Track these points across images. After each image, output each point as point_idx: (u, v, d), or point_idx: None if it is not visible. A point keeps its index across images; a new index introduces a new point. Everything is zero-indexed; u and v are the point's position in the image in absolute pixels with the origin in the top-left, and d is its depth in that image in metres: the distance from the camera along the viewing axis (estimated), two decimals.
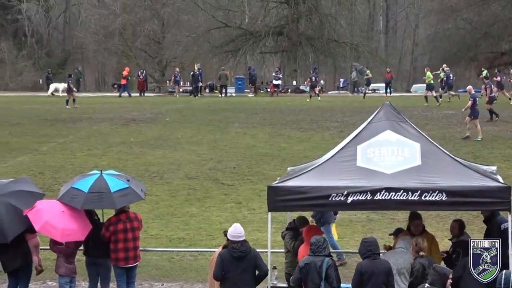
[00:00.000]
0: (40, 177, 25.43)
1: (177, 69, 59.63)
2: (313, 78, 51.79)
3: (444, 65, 51.28)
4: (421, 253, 11.86)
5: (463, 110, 33.49)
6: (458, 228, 13.10)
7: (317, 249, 11.82)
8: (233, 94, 58.86)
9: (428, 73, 48.09)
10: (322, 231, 13.01)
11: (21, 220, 13.47)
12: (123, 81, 57.73)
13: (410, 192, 11.62)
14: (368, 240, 11.86)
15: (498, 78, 48.68)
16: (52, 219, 13.42)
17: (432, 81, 47.76)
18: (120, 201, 13.87)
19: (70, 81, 47.19)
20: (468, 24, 70.19)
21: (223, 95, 55.77)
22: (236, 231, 12.25)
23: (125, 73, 57.86)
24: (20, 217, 13.46)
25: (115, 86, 65.11)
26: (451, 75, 48.79)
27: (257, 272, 12.15)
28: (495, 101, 38.62)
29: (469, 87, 35.62)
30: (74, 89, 47.85)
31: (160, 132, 34.45)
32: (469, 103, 31.78)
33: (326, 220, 16.77)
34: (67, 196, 14.09)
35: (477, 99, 32.26)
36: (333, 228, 17.44)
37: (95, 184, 13.93)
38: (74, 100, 45.02)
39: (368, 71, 54.66)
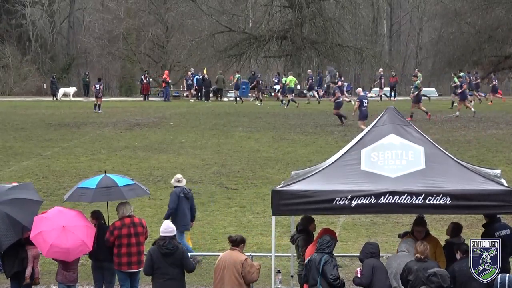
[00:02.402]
0: (44, 181, 25.45)
1: (189, 73, 59.58)
2: (260, 82, 53.77)
3: (309, 70, 54.23)
4: (418, 256, 11.89)
5: (353, 113, 34.97)
6: (451, 230, 13.12)
7: (320, 247, 12.16)
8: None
9: (290, 77, 49.97)
10: (334, 231, 13.12)
11: (15, 230, 13.48)
12: (164, 85, 58.03)
13: (414, 196, 11.63)
14: (372, 244, 12.36)
15: (472, 79, 50.61)
16: (47, 232, 13.44)
17: (292, 85, 49.43)
18: (128, 194, 14.27)
19: (101, 85, 46.75)
20: (472, 28, 70.14)
21: (226, 99, 55.79)
22: (163, 226, 13.06)
23: (164, 76, 58.13)
24: (14, 227, 13.46)
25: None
26: (312, 78, 51.30)
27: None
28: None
29: (359, 89, 37.93)
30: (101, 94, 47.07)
31: (164, 136, 34.46)
32: (356, 104, 33.24)
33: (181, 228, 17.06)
34: (75, 195, 14.47)
35: (364, 101, 33.37)
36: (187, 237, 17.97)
37: (102, 181, 14.29)
38: (99, 105, 44.67)
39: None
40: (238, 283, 12.29)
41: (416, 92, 38.68)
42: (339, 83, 46.91)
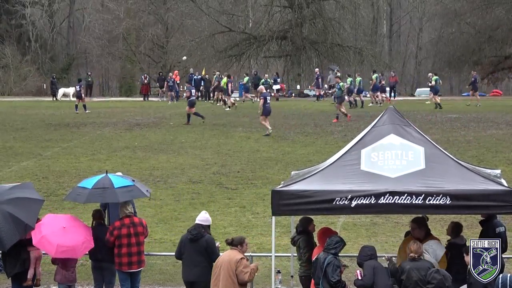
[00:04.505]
0: (44, 181, 25.44)
1: (170, 74, 59.58)
2: (217, 83, 53.01)
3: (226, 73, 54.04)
4: (412, 255, 11.91)
5: (259, 111, 35.35)
6: (451, 230, 13.13)
7: (327, 247, 12.25)
8: (237, 99, 58.83)
9: (225, 79, 50.19)
10: (335, 231, 13.19)
11: (18, 228, 13.48)
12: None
13: (414, 196, 11.64)
14: (369, 247, 12.48)
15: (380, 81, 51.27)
16: (50, 234, 13.53)
17: (225, 86, 49.85)
18: (123, 195, 14.11)
19: (81, 86, 46.90)
20: (472, 28, 70.16)
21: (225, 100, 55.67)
22: (199, 215, 13.75)
23: (173, 76, 58.31)
24: (18, 225, 13.46)
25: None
26: (230, 81, 50.95)
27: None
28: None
29: (261, 86, 38.93)
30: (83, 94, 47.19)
31: (164, 136, 34.45)
32: (261, 102, 34.12)
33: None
34: (73, 194, 14.61)
35: (267, 98, 34.28)
36: None
37: (100, 181, 14.26)
38: (84, 106, 44.54)
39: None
40: (231, 281, 12.36)
41: (340, 94, 39.49)
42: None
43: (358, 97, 48.45)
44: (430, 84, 48.12)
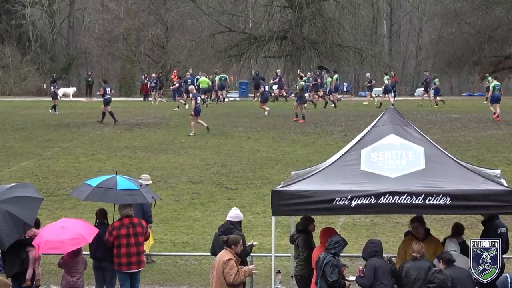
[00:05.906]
0: (44, 182, 25.44)
1: (154, 74, 59.50)
2: (189, 84, 51.92)
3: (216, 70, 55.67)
4: (414, 255, 11.94)
5: (186, 106, 36.33)
6: (452, 228, 13.13)
7: (327, 246, 12.23)
8: (237, 99, 58.84)
9: (202, 78, 51.14)
10: (336, 231, 13.20)
11: (17, 227, 13.49)
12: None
13: (414, 196, 11.64)
14: (375, 242, 12.32)
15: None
16: (53, 236, 13.53)
17: (205, 85, 50.86)
18: (123, 198, 14.06)
19: (56, 87, 47.28)
20: (472, 28, 70.13)
21: (227, 99, 55.65)
22: (230, 211, 14.01)
23: (173, 77, 58.40)
24: (16, 224, 13.47)
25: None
26: (189, 80, 51.71)
27: None
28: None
29: (191, 86, 39.73)
30: (59, 96, 47.63)
31: (164, 136, 34.45)
32: (193, 102, 34.64)
33: None
34: (77, 190, 14.81)
35: (197, 98, 35.06)
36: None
37: (105, 181, 14.28)
38: (54, 107, 44.49)
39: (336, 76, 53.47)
40: (220, 282, 12.39)
41: (300, 94, 39.13)
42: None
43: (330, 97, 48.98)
44: (369, 84, 49.42)
